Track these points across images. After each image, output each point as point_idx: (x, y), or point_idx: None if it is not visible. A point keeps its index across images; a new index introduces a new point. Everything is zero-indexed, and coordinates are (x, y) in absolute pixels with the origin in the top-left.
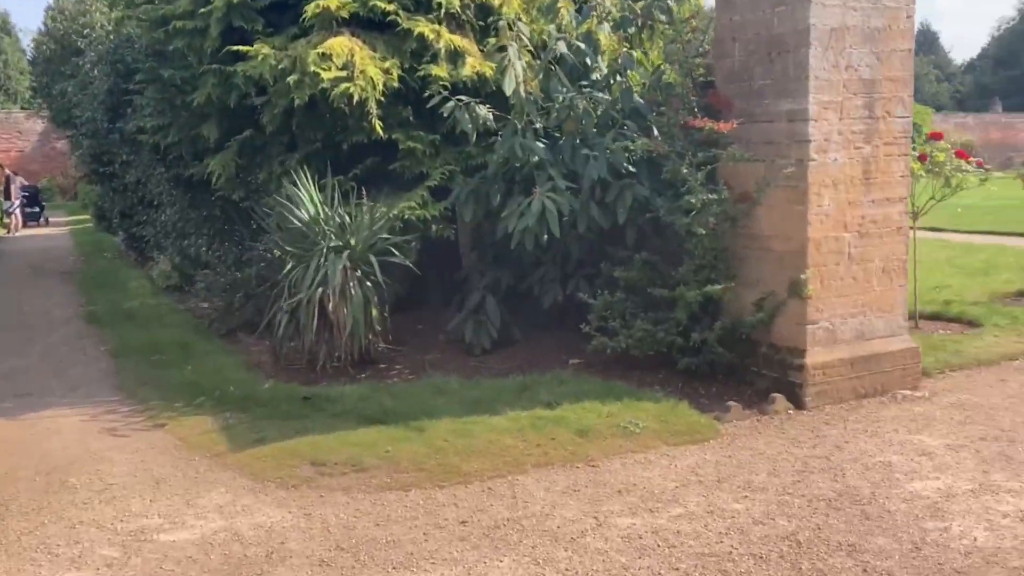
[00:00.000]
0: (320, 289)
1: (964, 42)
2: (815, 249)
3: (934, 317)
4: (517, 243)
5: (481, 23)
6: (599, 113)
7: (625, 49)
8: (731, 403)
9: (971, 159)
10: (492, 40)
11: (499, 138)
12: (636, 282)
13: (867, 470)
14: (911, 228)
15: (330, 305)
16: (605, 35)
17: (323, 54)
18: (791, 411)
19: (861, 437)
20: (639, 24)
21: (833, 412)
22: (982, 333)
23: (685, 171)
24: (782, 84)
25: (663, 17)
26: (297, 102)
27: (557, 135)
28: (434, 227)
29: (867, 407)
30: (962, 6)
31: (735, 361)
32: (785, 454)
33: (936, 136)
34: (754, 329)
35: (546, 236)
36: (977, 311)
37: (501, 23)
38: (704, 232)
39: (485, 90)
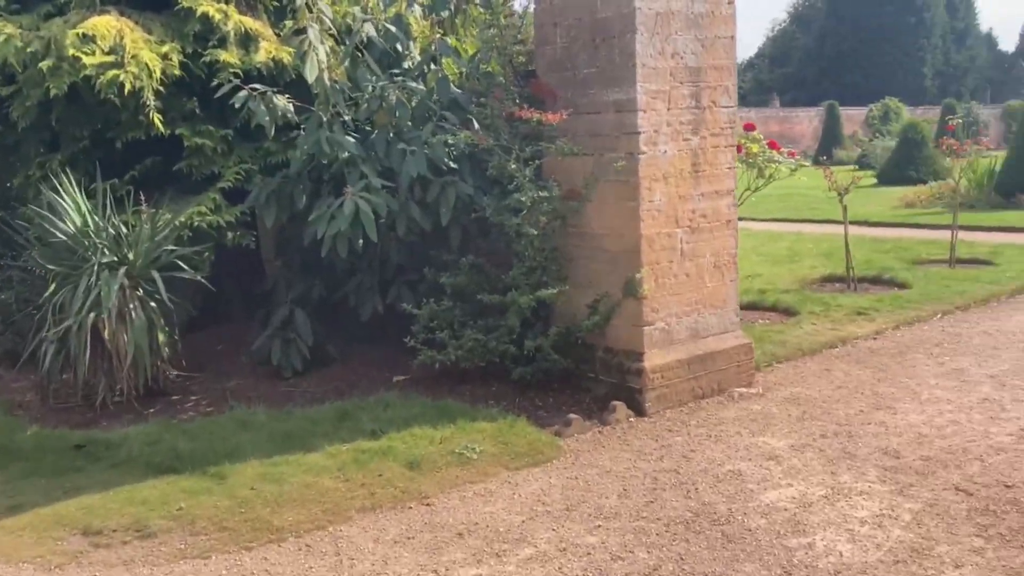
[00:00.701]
0: (93, 313)
1: (742, 43)
2: (648, 246)
3: (751, 307)
4: (328, 250)
5: (276, 3)
6: (414, 104)
7: (439, 35)
8: (571, 415)
9: (782, 149)
10: (289, 23)
11: (302, 132)
12: (463, 288)
13: (719, 482)
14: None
15: (106, 331)
16: (416, 19)
17: (84, 35)
18: (632, 418)
19: (706, 443)
20: (452, 8)
21: (674, 417)
22: (800, 321)
23: (513, 167)
24: (608, 72)
25: (477, 0)
26: (54, 92)
27: (368, 128)
28: (230, 234)
29: (707, 408)
30: (740, 8)
31: (572, 367)
32: (633, 470)
33: (748, 127)
34: (589, 333)
35: (361, 241)
36: (791, 299)
37: (299, 3)
38: (535, 232)
39: (284, 78)
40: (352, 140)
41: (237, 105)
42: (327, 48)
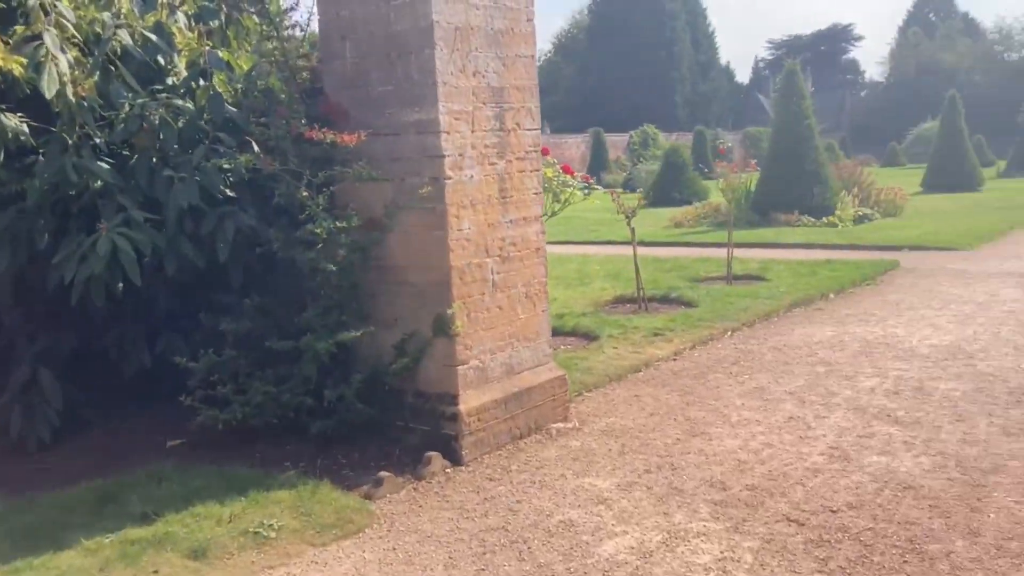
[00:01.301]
0: None
1: None
2: (459, 279)
3: (552, 332)
4: (80, 296)
5: (2, 4)
6: (182, 125)
7: (208, 47)
8: (382, 473)
9: (576, 174)
10: (20, 28)
11: (41, 158)
12: (248, 334)
13: (551, 536)
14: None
15: None
16: (180, 29)
17: None
18: (449, 469)
19: (531, 491)
20: (223, 17)
21: (494, 463)
22: (602, 345)
23: (304, 194)
24: (407, 91)
25: (251, 8)
26: None
27: (127, 153)
28: None
29: (526, 450)
30: None
31: (379, 417)
32: (457, 532)
33: (543, 152)
34: (398, 377)
35: (121, 284)
36: (589, 322)
37: (31, 4)
38: (333, 268)
39: (17, 94)
40: (106, 167)
41: None
42: (70, 58)
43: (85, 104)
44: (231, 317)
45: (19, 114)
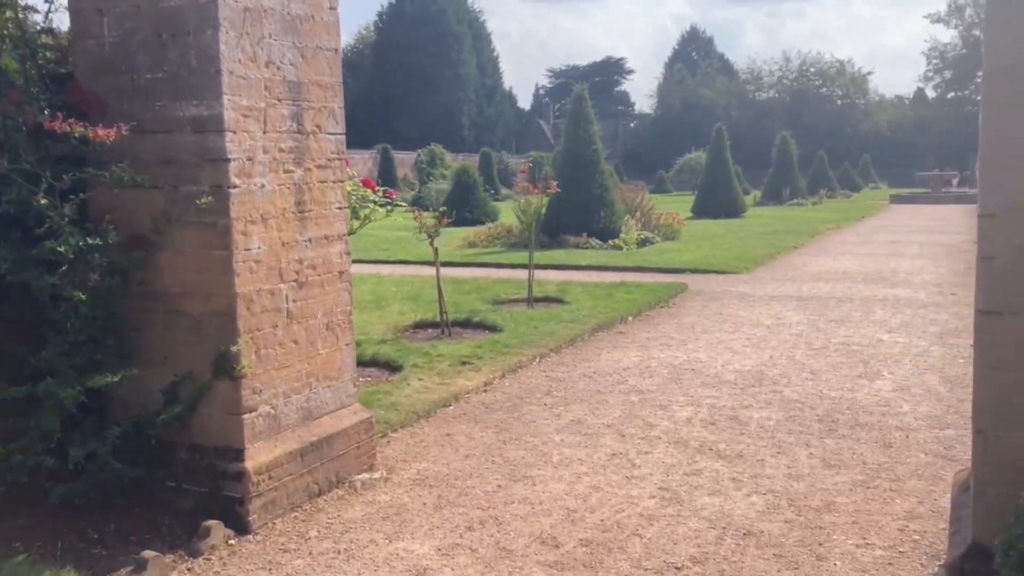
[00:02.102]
0: None
1: None
2: (246, 308)
3: None
4: None
5: None
6: None
7: None
8: (146, 552)
9: (378, 189)
10: None
11: None
12: None
13: None
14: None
15: None
16: None
17: None
18: (233, 541)
19: (336, 564)
20: None
21: (289, 529)
22: (406, 377)
23: (43, 202)
24: (183, 79)
25: None
26: None
27: None
28: None
29: (327, 509)
30: None
31: (143, 477)
32: None
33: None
34: (167, 428)
35: None
36: (391, 350)
37: None
38: (83, 295)
39: None
40: None
41: None
42: None
43: None
44: None
45: None
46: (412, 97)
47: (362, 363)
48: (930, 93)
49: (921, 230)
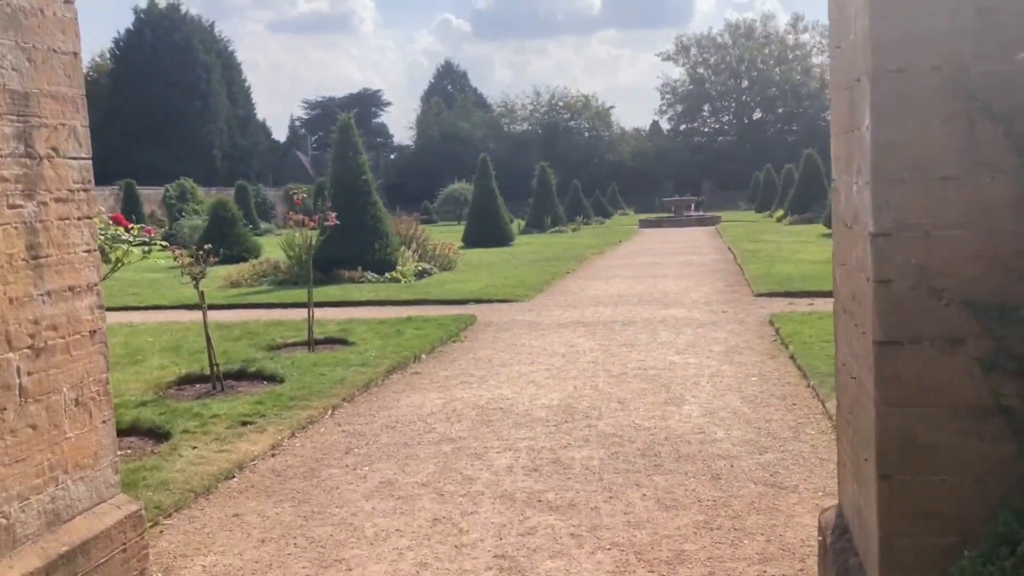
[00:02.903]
0: None
1: None
2: None
3: None
4: None
5: None
6: None
7: None
8: None
9: (132, 226)
10: None
11: None
12: None
13: None
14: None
15: None
16: None
17: None
18: None
19: None
20: None
21: None
22: (177, 446)
23: None
24: None
25: None
26: None
27: None
28: None
29: None
30: None
31: None
32: None
33: None
34: None
35: None
36: (154, 414)
37: None
38: None
39: None
40: None
41: None
42: None
43: None
44: None
45: None
46: (157, 129)
47: (121, 431)
48: (664, 125)
49: (675, 251)
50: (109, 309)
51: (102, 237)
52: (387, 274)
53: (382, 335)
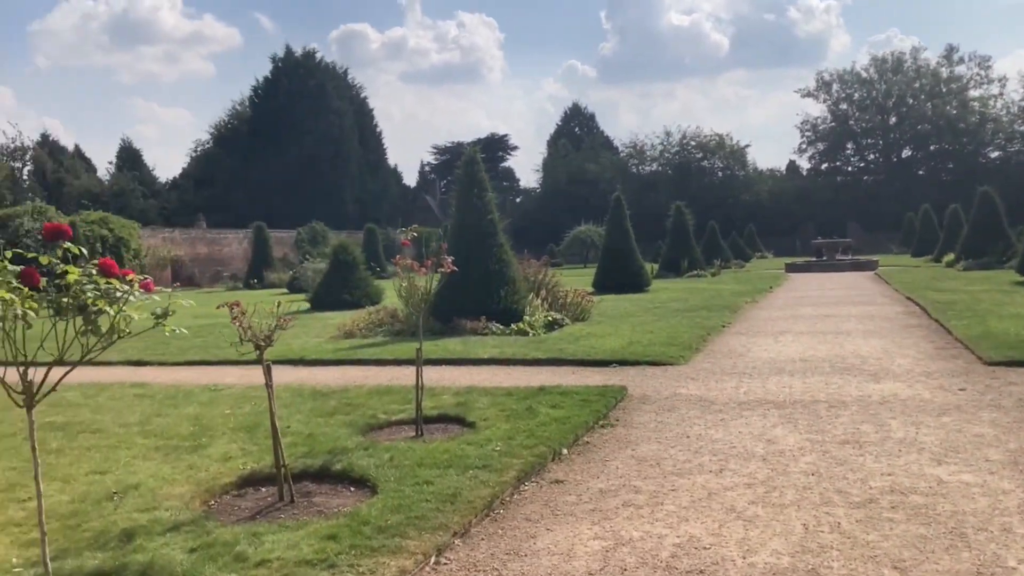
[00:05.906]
0: None
1: (165, 163)
2: None
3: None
4: None
5: None
6: None
7: None
8: None
9: (135, 276)
10: None
11: None
12: None
13: None
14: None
15: None
16: None
17: None
18: None
19: None
20: None
21: None
22: None
23: None
24: None
25: None
26: None
27: None
28: None
29: None
30: (166, 130)
31: None
32: None
33: (54, 231)
34: None
35: None
36: (182, 550)
37: None
38: None
39: None
40: None
41: None
42: None
43: None
44: None
45: None
46: (291, 174)
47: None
48: (804, 164)
49: (841, 300)
50: (206, 363)
51: (86, 294)
52: (513, 325)
53: (509, 413)
